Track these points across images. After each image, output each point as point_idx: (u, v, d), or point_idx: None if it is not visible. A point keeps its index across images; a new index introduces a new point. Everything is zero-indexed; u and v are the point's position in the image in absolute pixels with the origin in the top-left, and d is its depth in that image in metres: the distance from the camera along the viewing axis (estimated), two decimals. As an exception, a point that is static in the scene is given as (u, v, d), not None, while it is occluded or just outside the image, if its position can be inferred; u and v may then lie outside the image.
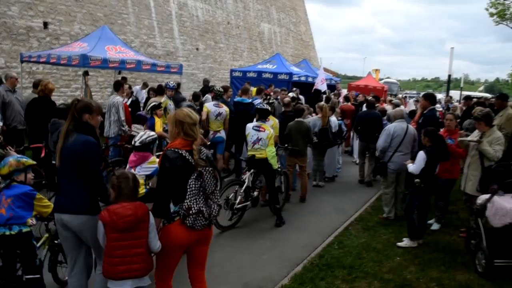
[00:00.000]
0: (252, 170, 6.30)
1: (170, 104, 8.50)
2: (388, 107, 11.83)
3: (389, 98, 15.11)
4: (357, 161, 11.25)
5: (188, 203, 3.25)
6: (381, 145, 6.75)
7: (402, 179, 6.78)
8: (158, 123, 6.91)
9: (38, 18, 15.89)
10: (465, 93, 48.54)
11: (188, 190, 3.25)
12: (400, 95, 60.14)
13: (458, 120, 9.20)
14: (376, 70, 71.75)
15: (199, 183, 3.29)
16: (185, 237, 3.32)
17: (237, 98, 9.33)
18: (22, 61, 12.15)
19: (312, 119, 8.64)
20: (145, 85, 14.06)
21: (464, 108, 12.41)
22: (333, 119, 8.99)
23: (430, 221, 6.47)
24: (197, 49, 23.72)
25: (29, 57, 11.83)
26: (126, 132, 8.00)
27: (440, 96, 29.23)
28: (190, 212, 3.24)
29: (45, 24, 16.15)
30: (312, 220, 6.88)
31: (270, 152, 6.13)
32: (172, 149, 3.31)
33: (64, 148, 3.45)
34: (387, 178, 6.78)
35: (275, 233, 6.19)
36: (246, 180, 6.15)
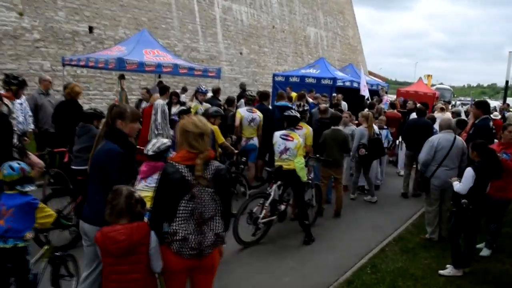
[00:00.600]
0: (279, 182, 5.83)
1: (201, 109, 8.19)
2: (437, 115, 10.98)
3: (438, 105, 14.06)
4: (401, 173, 10.50)
5: (175, 228, 2.86)
6: (423, 157, 6.06)
7: (448, 196, 6.04)
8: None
9: (83, 23, 16.23)
10: (526, 100, 45.66)
11: (177, 212, 2.85)
12: (453, 102, 57.74)
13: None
14: (428, 75, 69.15)
15: (191, 205, 2.87)
16: (174, 262, 2.91)
17: (276, 103, 8.88)
18: (64, 65, 12.32)
19: (359, 130, 8.06)
20: (184, 89, 13.91)
21: (523, 117, 11.33)
22: (375, 128, 8.37)
23: (479, 246, 5.73)
24: (240, 53, 23.53)
25: (70, 61, 11.97)
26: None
27: (496, 103, 27.46)
28: (175, 238, 2.84)
29: (90, 29, 16.46)
30: (345, 238, 6.30)
31: (298, 164, 5.63)
32: (172, 162, 2.94)
33: (93, 155, 3.44)
34: (430, 195, 6.09)
35: (302, 251, 5.67)
36: (272, 193, 5.67)
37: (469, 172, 4.86)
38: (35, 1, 14.55)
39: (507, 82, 22.40)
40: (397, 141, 10.69)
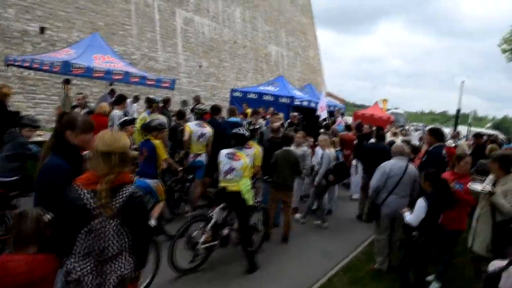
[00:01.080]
0: (222, 205, 5.41)
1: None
2: (391, 139, 10.95)
3: (393, 129, 14.13)
4: (354, 196, 10.34)
5: (69, 266, 2.40)
6: (374, 184, 5.79)
7: (398, 225, 5.81)
8: (126, 141, 6.08)
9: (34, 22, 15.37)
10: (474, 129, 47.60)
11: (75, 247, 2.40)
12: (407, 127, 59.13)
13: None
14: (384, 100, 71.15)
15: (89, 240, 2.42)
16: None
17: (227, 119, 8.50)
18: (7, 65, 11.48)
19: (327, 154, 7.79)
20: (136, 98, 13.29)
21: (473, 146, 11.47)
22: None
23: (429, 278, 5.52)
24: (200, 66, 23.13)
25: (14, 61, 11.15)
26: None
27: (447, 130, 28.34)
28: (68, 278, 2.39)
29: (42, 29, 15.61)
30: (292, 266, 5.91)
31: (244, 186, 5.24)
32: (74, 185, 2.48)
33: (39, 171, 2.91)
34: (379, 223, 5.84)
35: (244, 280, 5.22)
36: (214, 216, 5.23)
37: (421, 202, 4.64)
38: (-20, -4, 13.64)
39: (458, 110, 23.12)
40: (352, 164, 10.54)
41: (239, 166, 5.25)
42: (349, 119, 22.88)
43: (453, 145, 11.48)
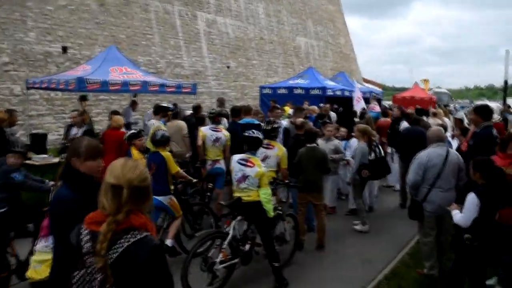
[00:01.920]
0: (239, 217, 4.82)
1: (165, 131, 7.19)
2: (430, 121, 9.99)
3: (431, 109, 12.97)
4: (396, 187, 9.48)
5: None
6: (411, 179, 5.01)
7: (447, 224, 4.99)
8: (136, 156, 5.58)
9: (56, 43, 15.38)
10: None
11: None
12: (452, 106, 56.60)
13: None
14: (425, 80, 68.47)
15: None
16: None
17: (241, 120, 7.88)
18: (28, 88, 11.44)
19: (360, 146, 7.03)
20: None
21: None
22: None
23: (490, 282, 4.70)
24: (228, 67, 22.67)
25: (34, 83, 11.09)
26: None
27: (495, 105, 26.52)
28: None
29: (64, 49, 15.62)
30: (327, 278, 5.23)
31: (264, 195, 4.62)
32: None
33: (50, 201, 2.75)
34: (424, 224, 5.05)
35: (273, 300, 4.65)
36: (231, 231, 4.65)
37: (471, 199, 3.86)
38: (2, 23, 13.72)
39: (506, 82, 21.37)
40: (387, 152, 9.69)
41: (252, 173, 4.64)
42: (386, 103, 21.74)
43: (500, 118, 10.35)
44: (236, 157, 4.87)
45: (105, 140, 7.47)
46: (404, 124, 9.27)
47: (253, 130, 4.96)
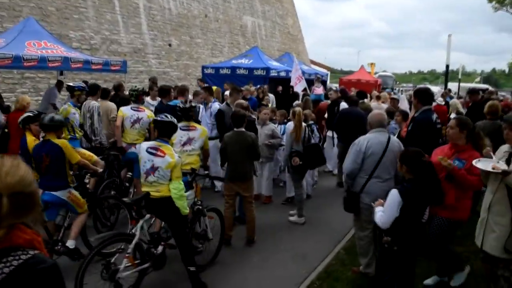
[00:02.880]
0: (147, 216, 4.18)
1: (75, 114, 6.35)
2: (373, 104, 9.71)
3: (375, 92, 12.72)
4: (334, 172, 9.17)
5: None
6: (348, 167, 4.54)
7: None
8: (31, 144, 4.75)
9: (-30, 13, 13.80)
10: (464, 85, 46.43)
11: None
12: (396, 89, 57.95)
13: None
14: (371, 64, 69.82)
15: None
16: None
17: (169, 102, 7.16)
18: None
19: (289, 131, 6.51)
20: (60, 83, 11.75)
21: (466, 104, 10.21)
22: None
23: (428, 281, 4.37)
24: (169, 45, 21.56)
25: None
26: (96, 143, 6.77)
27: (437, 89, 27.10)
28: None
29: (-18, 20, 14.05)
30: (255, 279, 4.73)
31: (175, 191, 3.99)
32: None
33: None
34: (360, 217, 4.62)
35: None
36: (137, 232, 4.00)
37: (393, 196, 3.39)
38: None
39: (447, 66, 21.68)
40: (327, 135, 9.34)
41: (163, 164, 3.99)
42: (333, 86, 21.52)
43: (443, 103, 10.25)
44: (144, 145, 4.20)
45: (10, 124, 6.57)
46: (343, 105, 8.92)
47: (166, 114, 4.29)
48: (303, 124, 6.54)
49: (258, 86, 12.09)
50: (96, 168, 4.93)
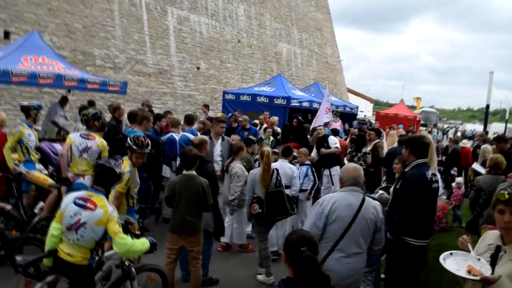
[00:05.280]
0: (49, 278, 3.33)
1: (30, 135, 5.71)
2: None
3: (388, 130, 11.51)
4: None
5: None
6: (308, 229, 3.59)
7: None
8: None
9: (-3, 27, 13.88)
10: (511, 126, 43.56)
11: None
12: (441, 126, 55.43)
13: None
14: (417, 98, 67.79)
15: None
16: None
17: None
18: None
19: (251, 173, 5.60)
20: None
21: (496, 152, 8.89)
22: (280, 163, 5.99)
23: None
24: (198, 68, 21.22)
25: None
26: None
27: (473, 127, 25.32)
28: None
29: (6, 34, 14.10)
30: None
31: (123, 249, 3.30)
32: None
33: None
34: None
35: None
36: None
37: None
38: None
39: (487, 106, 19.98)
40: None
41: (93, 219, 3.19)
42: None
43: (468, 145, 9.01)
44: (71, 196, 3.40)
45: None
46: (332, 139, 8.06)
47: (116, 157, 3.53)
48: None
49: (230, 114, 11.37)
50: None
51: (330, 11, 35.47)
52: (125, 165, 4.35)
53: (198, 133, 7.63)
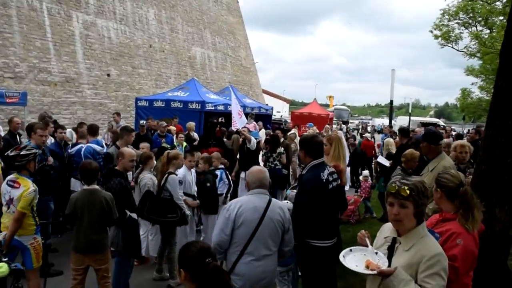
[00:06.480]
0: None
1: None
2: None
3: (290, 133, 11.86)
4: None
5: None
6: (215, 238, 3.60)
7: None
8: None
9: None
10: (415, 119, 47.26)
11: None
12: (352, 121, 58.49)
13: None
14: (330, 96, 70.79)
15: None
16: None
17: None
18: None
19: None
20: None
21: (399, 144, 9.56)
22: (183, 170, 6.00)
23: None
24: (108, 75, 20.44)
25: None
26: None
27: (382, 121, 27.10)
28: None
29: None
30: None
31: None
32: None
33: None
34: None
35: None
36: None
37: None
38: None
39: (391, 101, 21.50)
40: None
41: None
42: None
43: (370, 139, 9.62)
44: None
45: None
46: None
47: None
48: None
49: (141, 121, 11.29)
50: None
51: (242, 14, 35.97)
52: (27, 185, 4.10)
53: (104, 144, 7.36)
